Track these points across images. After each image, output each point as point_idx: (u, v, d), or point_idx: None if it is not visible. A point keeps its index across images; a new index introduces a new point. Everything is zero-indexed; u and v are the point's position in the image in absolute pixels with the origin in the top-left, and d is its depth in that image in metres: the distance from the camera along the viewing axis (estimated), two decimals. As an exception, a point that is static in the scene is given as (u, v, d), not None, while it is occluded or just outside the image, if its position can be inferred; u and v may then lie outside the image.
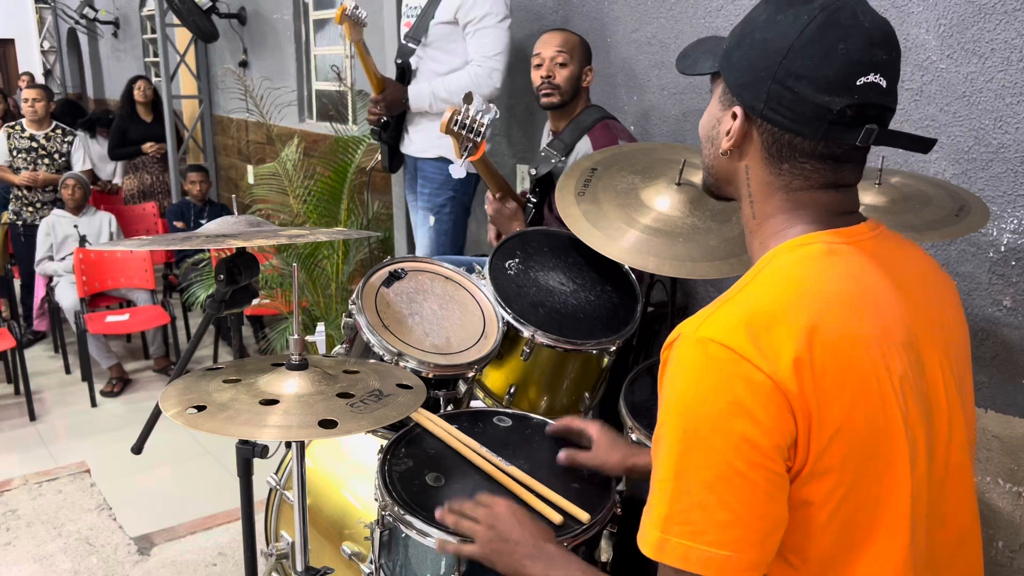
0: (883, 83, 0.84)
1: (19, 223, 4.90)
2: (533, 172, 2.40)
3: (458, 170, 2.19)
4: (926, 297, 0.92)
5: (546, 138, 2.55)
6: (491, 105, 2.13)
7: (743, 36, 0.89)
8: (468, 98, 2.11)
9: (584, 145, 2.32)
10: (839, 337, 0.81)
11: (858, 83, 0.83)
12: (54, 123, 5.01)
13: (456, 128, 2.05)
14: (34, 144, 4.87)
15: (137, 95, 5.76)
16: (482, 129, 2.08)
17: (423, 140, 2.85)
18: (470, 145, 2.11)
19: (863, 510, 0.83)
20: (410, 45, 2.77)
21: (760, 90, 0.86)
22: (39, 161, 4.86)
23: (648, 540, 0.82)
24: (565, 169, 2.35)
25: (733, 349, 0.79)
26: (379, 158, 3.15)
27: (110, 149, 5.81)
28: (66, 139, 4.99)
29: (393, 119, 2.90)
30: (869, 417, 0.81)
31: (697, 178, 1.91)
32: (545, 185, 2.44)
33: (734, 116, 0.90)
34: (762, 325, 0.80)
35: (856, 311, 0.83)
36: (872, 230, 0.92)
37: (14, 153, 4.84)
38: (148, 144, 5.68)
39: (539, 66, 2.38)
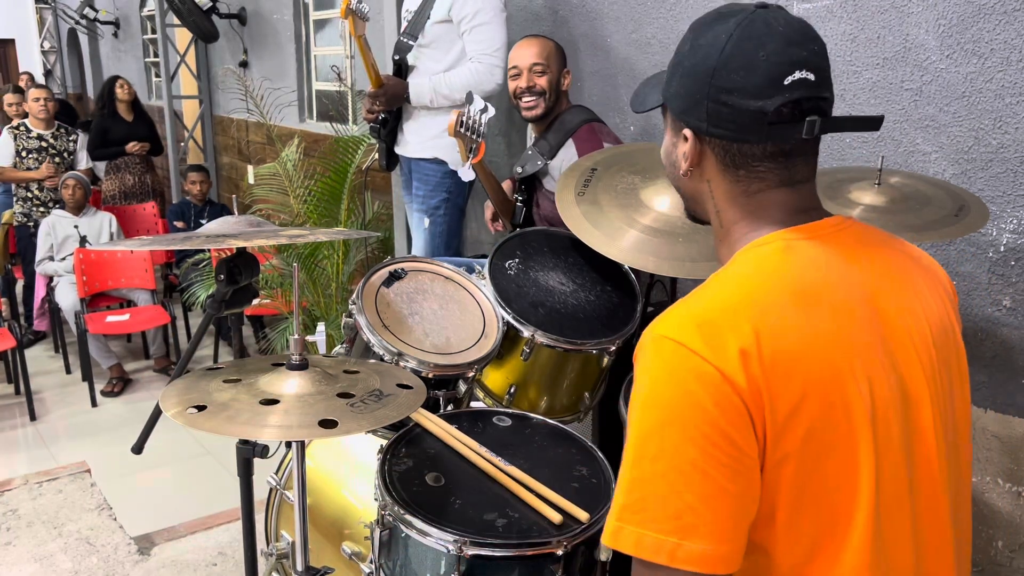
0: (811, 76, 0.88)
1: (29, 224, 4.88)
2: (519, 171, 2.41)
3: (467, 172, 2.20)
4: (902, 290, 0.93)
5: (531, 138, 2.56)
6: (488, 104, 2.13)
7: (676, 67, 0.96)
8: (469, 98, 2.11)
9: (568, 151, 2.31)
10: (790, 329, 0.83)
11: (786, 82, 0.87)
12: (57, 123, 5.01)
13: (463, 130, 2.06)
14: (43, 144, 4.87)
15: (120, 93, 5.62)
16: (481, 129, 2.09)
17: (418, 141, 2.85)
18: (473, 146, 2.12)
19: (823, 503, 0.83)
20: (408, 42, 2.77)
21: (700, 111, 0.92)
22: (50, 161, 4.86)
23: (606, 529, 0.84)
24: (549, 173, 2.37)
25: (683, 344, 0.83)
26: (376, 156, 3.15)
27: (90, 149, 5.54)
28: (70, 138, 4.99)
29: (391, 116, 2.90)
30: (826, 408, 0.82)
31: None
32: (530, 185, 2.45)
33: (685, 139, 0.95)
34: (710, 321, 0.84)
35: (812, 304, 0.85)
36: (836, 225, 0.94)
37: (23, 154, 4.82)
38: (132, 144, 5.59)
39: (516, 76, 2.38)
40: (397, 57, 2.81)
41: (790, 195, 0.93)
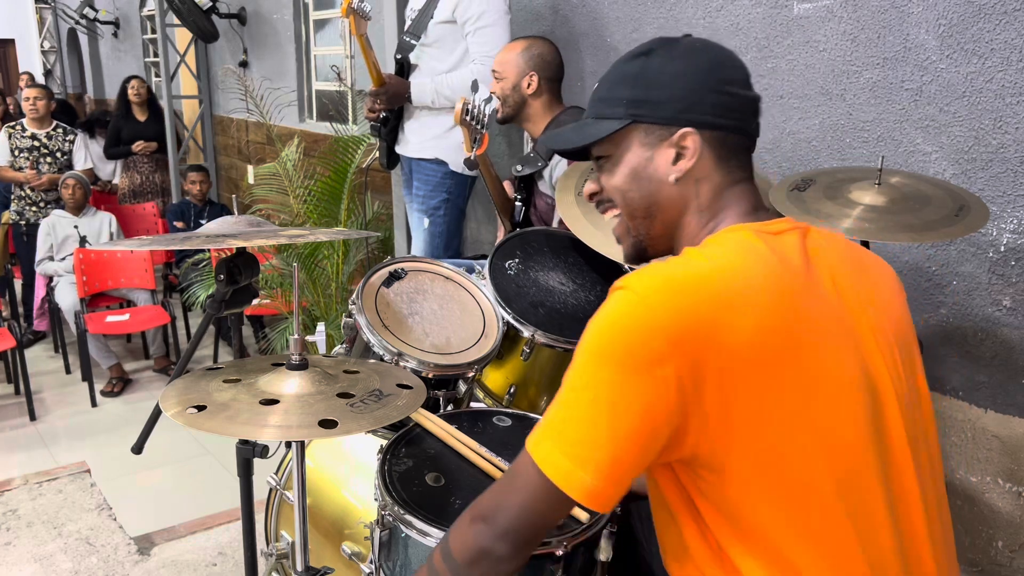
0: None
1: (22, 223, 4.90)
2: (519, 169, 2.42)
3: (471, 163, 2.22)
4: (861, 284, 0.97)
5: (528, 141, 2.58)
6: (492, 95, 2.14)
7: (652, 81, 0.99)
8: (475, 86, 2.12)
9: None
10: (754, 306, 0.86)
11: (752, 83, 1.00)
12: (55, 122, 5.02)
13: (468, 118, 2.08)
14: (36, 143, 4.87)
15: (131, 95, 5.75)
16: (485, 119, 2.11)
17: (419, 141, 2.85)
18: (477, 136, 2.13)
19: (779, 473, 0.87)
20: (410, 41, 2.77)
21: (704, 105, 0.96)
22: (41, 160, 4.86)
23: (531, 438, 0.92)
24: (544, 177, 2.39)
25: (640, 295, 0.87)
26: (376, 156, 3.15)
27: (105, 148, 5.82)
28: (67, 138, 4.99)
29: (392, 115, 2.90)
30: (777, 378, 0.86)
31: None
32: (529, 184, 2.47)
33: (681, 139, 0.97)
34: (677, 283, 0.87)
35: (780, 289, 0.89)
36: (791, 223, 0.99)
37: (16, 153, 4.84)
38: (137, 143, 5.67)
39: None
40: (400, 56, 2.81)
41: (752, 190, 1.00)
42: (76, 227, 4.64)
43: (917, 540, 0.94)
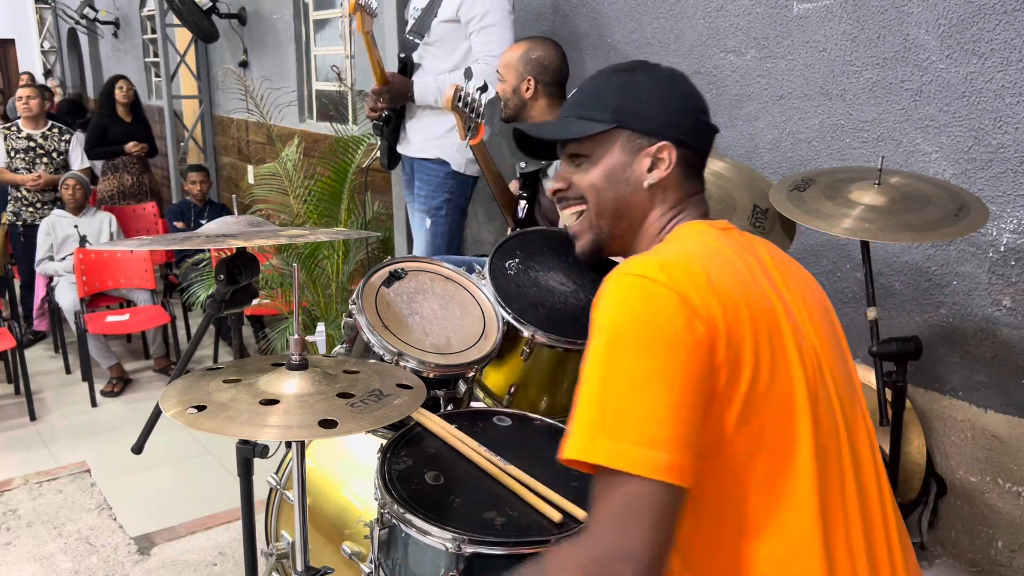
0: None
1: (19, 223, 4.89)
2: (523, 166, 2.42)
3: (466, 150, 2.23)
4: (786, 269, 1.10)
5: None
6: (488, 84, 2.15)
7: (639, 95, 1.11)
8: (468, 74, 2.12)
9: None
10: (729, 275, 0.99)
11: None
12: (50, 122, 4.99)
13: (460, 105, 2.09)
14: (31, 144, 4.86)
15: (119, 95, 5.59)
16: (479, 108, 2.11)
17: (421, 140, 2.85)
18: (472, 125, 2.14)
19: (773, 428, 0.94)
20: (414, 40, 2.77)
21: (682, 125, 1.10)
22: (37, 161, 4.85)
23: (576, 445, 0.90)
24: (548, 175, 2.39)
25: (647, 277, 0.94)
26: (377, 155, 3.15)
27: (88, 148, 5.45)
28: (63, 137, 4.97)
29: (394, 114, 2.90)
30: (768, 333, 0.96)
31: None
32: (533, 181, 2.47)
33: (659, 151, 1.09)
34: (669, 263, 0.97)
35: (739, 271, 1.02)
36: (730, 224, 1.13)
37: (12, 154, 4.82)
38: (131, 144, 5.55)
39: None
40: (403, 55, 2.81)
41: (703, 201, 1.15)
42: (76, 227, 4.64)
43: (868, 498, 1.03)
